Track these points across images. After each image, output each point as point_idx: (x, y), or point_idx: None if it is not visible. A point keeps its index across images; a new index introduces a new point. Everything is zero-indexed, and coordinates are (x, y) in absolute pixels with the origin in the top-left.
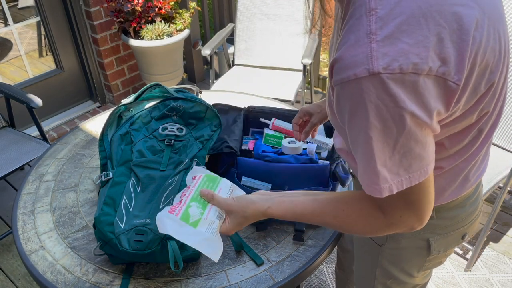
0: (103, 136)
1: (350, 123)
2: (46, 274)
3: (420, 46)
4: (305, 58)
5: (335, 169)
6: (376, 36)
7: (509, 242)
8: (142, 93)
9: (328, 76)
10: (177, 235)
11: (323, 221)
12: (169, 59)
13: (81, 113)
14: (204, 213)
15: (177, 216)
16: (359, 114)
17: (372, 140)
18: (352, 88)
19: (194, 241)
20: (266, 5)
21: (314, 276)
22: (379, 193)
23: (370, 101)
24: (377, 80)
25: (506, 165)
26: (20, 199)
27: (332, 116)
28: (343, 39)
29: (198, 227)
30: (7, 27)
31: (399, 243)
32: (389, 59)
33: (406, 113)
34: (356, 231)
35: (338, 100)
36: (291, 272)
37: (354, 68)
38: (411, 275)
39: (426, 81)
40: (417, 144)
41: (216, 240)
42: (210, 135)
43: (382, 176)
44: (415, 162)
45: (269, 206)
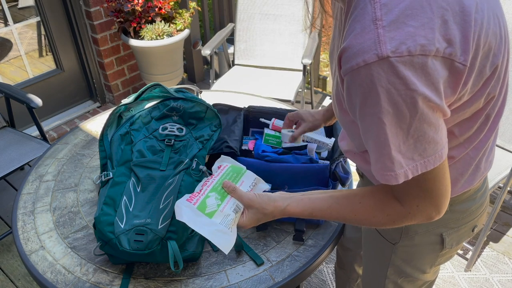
0: (103, 136)
1: (362, 111)
2: (46, 274)
3: (426, 28)
4: (305, 58)
5: (335, 169)
6: (382, 22)
7: (509, 242)
8: (142, 93)
9: (337, 69)
10: (191, 224)
11: (341, 216)
12: (169, 59)
13: (81, 113)
14: (221, 205)
15: (194, 205)
16: (371, 100)
17: (385, 125)
18: (362, 74)
19: (207, 231)
20: (266, 5)
21: (314, 276)
22: (395, 179)
23: (381, 86)
24: (386, 64)
25: (506, 165)
26: (20, 199)
27: (341, 114)
28: (349, 29)
29: (213, 218)
30: (7, 27)
31: (413, 240)
32: (396, 43)
33: (417, 96)
34: (374, 224)
35: (348, 91)
36: (291, 272)
37: (362, 55)
38: (424, 271)
39: (434, 62)
40: (430, 127)
41: (228, 233)
42: (210, 135)
43: (397, 162)
44: (429, 146)
45: (288, 204)
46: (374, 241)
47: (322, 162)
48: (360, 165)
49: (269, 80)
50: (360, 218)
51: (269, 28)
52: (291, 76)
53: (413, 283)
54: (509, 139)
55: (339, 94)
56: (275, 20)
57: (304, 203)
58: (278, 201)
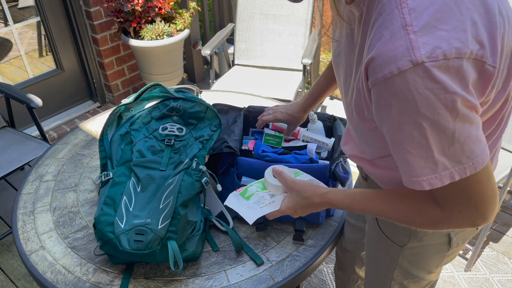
0: (103, 136)
1: (398, 120)
2: (46, 274)
3: (458, 31)
4: (305, 58)
5: (335, 169)
6: (412, 27)
7: (509, 242)
8: (142, 93)
9: (363, 78)
10: (230, 204)
11: (380, 211)
12: (169, 59)
13: (81, 113)
14: (260, 192)
15: (237, 192)
16: (408, 108)
17: (426, 131)
18: (396, 82)
19: (239, 207)
20: (266, 5)
21: (314, 276)
22: (440, 181)
23: (418, 92)
24: (422, 69)
25: (506, 165)
26: (20, 199)
27: (361, 121)
28: (375, 37)
29: (250, 200)
30: (7, 27)
31: (421, 241)
32: (430, 47)
33: (457, 97)
34: (414, 224)
35: (379, 101)
36: (291, 272)
37: (395, 62)
38: (430, 271)
39: (467, 64)
40: (472, 127)
41: (256, 208)
42: (210, 135)
43: (441, 164)
44: (476, 146)
45: (328, 191)
46: (380, 243)
47: (322, 162)
48: (367, 168)
49: (269, 80)
50: (399, 216)
51: (269, 28)
52: (291, 76)
53: (418, 284)
54: (509, 139)
55: (360, 103)
56: (275, 20)
57: (345, 192)
58: (320, 187)
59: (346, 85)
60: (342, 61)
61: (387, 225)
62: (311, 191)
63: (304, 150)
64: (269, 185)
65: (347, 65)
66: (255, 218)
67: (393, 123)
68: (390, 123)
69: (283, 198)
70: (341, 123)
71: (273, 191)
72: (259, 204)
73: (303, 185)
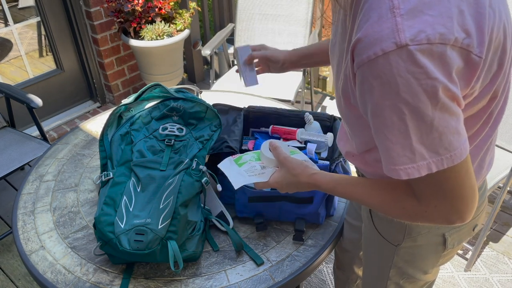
0: (103, 136)
1: (379, 103)
2: (46, 274)
3: (444, 17)
4: None
5: (334, 168)
6: (399, 10)
7: (509, 242)
8: (142, 93)
9: (349, 62)
10: (222, 167)
11: (361, 198)
12: (169, 59)
13: (81, 113)
14: (252, 161)
15: (232, 158)
16: (389, 91)
17: (405, 116)
18: (379, 64)
19: (229, 172)
20: (266, 5)
21: (314, 276)
22: (417, 171)
23: (399, 75)
24: (405, 52)
25: (506, 165)
26: (20, 199)
27: (347, 109)
28: (363, 18)
29: (242, 167)
30: (7, 27)
31: (415, 241)
32: (415, 31)
33: (438, 84)
34: (393, 214)
35: (362, 83)
36: (291, 272)
37: (380, 44)
38: (426, 272)
39: (452, 52)
40: (451, 117)
41: (245, 174)
42: (210, 135)
43: (419, 153)
44: (454, 138)
45: (316, 172)
46: (375, 243)
47: (322, 162)
48: (359, 166)
49: (269, 80)
50: (378, 204)
51: (269, 28)
52: (291, 76)
53: (414, 284)
54: (509, 139)
55: (347, 89)
56: (275, 20)
57: (332, 176)
58: (309, 167)
59: (338, 74)
60: (336, 51)
61: (382, 224)
62: (300, 170)
63: (304, 150)
64: (263, 157)
65: (339, 53)
66: (240, 184)
67: (375, 106)
68: (372, 107)
69: (273, 172)
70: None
71: (266, 163)
72: (249, 172)
73: (294, 163)
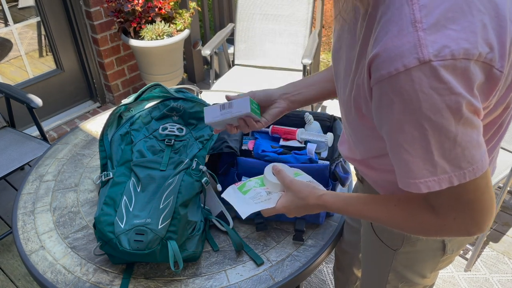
0: (103, 136)
1: (398, 120)
2: (46, 274)
3: (468, 32)
4: (305, 58)
5: (334, 169)
6: (422, 25)
7: (509, 242)
8: (142, 93)
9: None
10: (226, 197)
11: (374, 215)
12: (169, 59)
13: (81, 113)
14: (258, 188)
15: (236, 186)
16: (411, 107)
17: (428, 132)
18: (401, 80)
19: (234, 200)
20: (266, 5)
21: (314, 276)
22: (438, 184)
23: (422, 92)
24: (428, 68)
25: (506, 165)
26: (20, 199)
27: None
28: (382, 31)
29: (246, 194)
30: (7, 27)
31: (414, 246)
32: (439, 46)
33: (462, 100)
34: (407, 230)
35: (380, 98)
36: (291, 272)
37: (401, 59)
38: (424, 276)
39: (475, 67)
40: (473, 131)
41: (251, 203)
42: (210, 135)
43: (440, 167)
44: (477, 152)
45: (324, 193)
46: (374, 246)
47: (322, 162)
48: (362, 170)
49: (269, 80)
50: (393, 221)
51: (269, 28)
52: (291, 76)
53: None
54: (509, 139)
55: (359, 99)
56: (275, 20)
57: (340, 196)
58: (316, 188)
59: (345, 81)
60: (343, 57)
61: (381, 229)
62: (308, 192)
63: (304, 150)
64: (267, 182)
65: (347, 60)
66: (248, 213)
67: (394, 122)
68: (391, 122)
69: (279, 197)
70: (341, 123)
71: (271, 188)
72: (255, 199)
73: (300, 186)
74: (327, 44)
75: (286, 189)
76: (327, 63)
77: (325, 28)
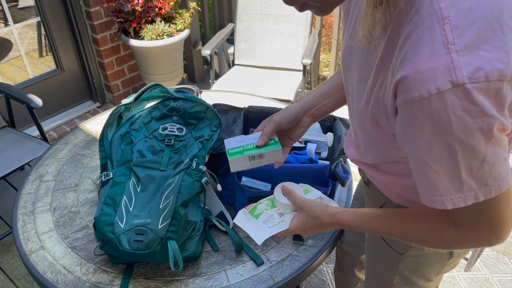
0: (103, 136)
1: (427, 141)
2: (46, 274)
3: (501, 52)
4: (305, 58)
5: (334, 169)
6: (454, 46)
7: (509, 242)
8: (142, 93)
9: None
10: (238, 222)
11: (391, 231)
12: (169, 59)
13: (81, 113)
14: (269, 210)
15: (246, 209)
16: (442, 129)
17: (457, 153)
18: (433, 103)
19: (247, 226)
20: (266, 5)
21: (314, 276)
22: (463, 201)
23: (454, 114)
24: (461, 91)
25: None
26: (20, 199)
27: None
28: (411, 50)
29: (259, 218)
30: (7, 27)
31: (422, 249)
32: (473, 68)
33: (494, 121)
34: (427, 244)
35: (409, 119)
36: (291, 272)
37: (434, 82)
38: (429, 279)
39: (507, 87)
40: (501, 149)
41: (265, 228)
42: (210, 135)
43: (467, 185)
44: (503, 168)
45: (338, 211)
46: (380, 250)
47: (322, 162)
48: (370, 173)
49: (269, 80)
50: (411, 236)
51: (269, 28)
52: (291, 76)
53: None
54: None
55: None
56: (275, 20)
57: (355, 213)
58: (330, 207)
59: (359, 90)
60: (354, 64)
61: None
62: (321, 211)
63: (304, 150)
64: (278, 203)
65: (361, 68)
66: (263, 239)
67: (422, 142)
68: (418, 142)
69: (292, 217)
70: (341, 123)
71: (283, 209)
72: (268, 223)
73: (313, 205)
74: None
75: (299, 210)
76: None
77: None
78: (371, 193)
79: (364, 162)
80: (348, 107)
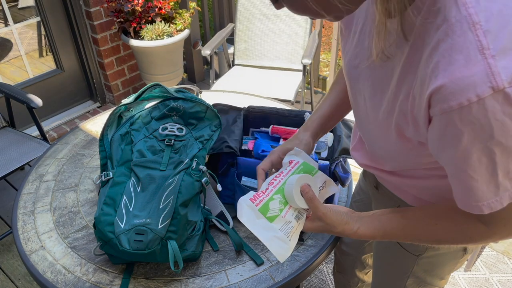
0: (103, 136)
1: (466, 149)
2: (46, 274)
3: None
4: (305, 58)
5: (334, 168)
6: (490, 51)
7: (509, 242)
8: (142, 93)
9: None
10: (250, 226)
11: (416, 237)
12: (169, 59)
13: (81, 113)
14: (283, 210)
15: (256, 207)
16: (482, 136)
17: (496, 156)
18: (473, 110)
19: (265, 237)
20: (266, 5)
21: (314, 276)
22: (499, 204)
23: (495, 119)
24: (502, 95)
25: None
26: (20, 199)
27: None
28: (443, 59)
29: (274, 222)
30: (7, 27)
31: (438, 249)
32: (511, 71)
33: None
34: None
35: (445, 129)
36: (291, 272)
37: (474, 89)
38: (442, 278)
39: None
40: None
41: (287, 242)
42: (210, 135)
43: (503, 186)
44: None
45: (359, 227)
46: (393, 252)
47: (322, 162)
48: (383, 177)
49: (269, 80)
50: (437, 239)
51: (269, 28)
52: (291, 76)
53: None
54: None
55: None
56: (275, 20)
57: (375, 225)
58: (349, 223)
59: (375, 101)
60: (365, 75)
61: None
62: (341, 228)
63: None
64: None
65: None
66: (287, 256)
67: (461, 150)
68: (457, 151)
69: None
70: (341, 123)
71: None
72: (286, 233)
73: (334, 220)
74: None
75: (318, 219)
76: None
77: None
78: (381, 197)
79: (378, 167)
80: (356, 116)
